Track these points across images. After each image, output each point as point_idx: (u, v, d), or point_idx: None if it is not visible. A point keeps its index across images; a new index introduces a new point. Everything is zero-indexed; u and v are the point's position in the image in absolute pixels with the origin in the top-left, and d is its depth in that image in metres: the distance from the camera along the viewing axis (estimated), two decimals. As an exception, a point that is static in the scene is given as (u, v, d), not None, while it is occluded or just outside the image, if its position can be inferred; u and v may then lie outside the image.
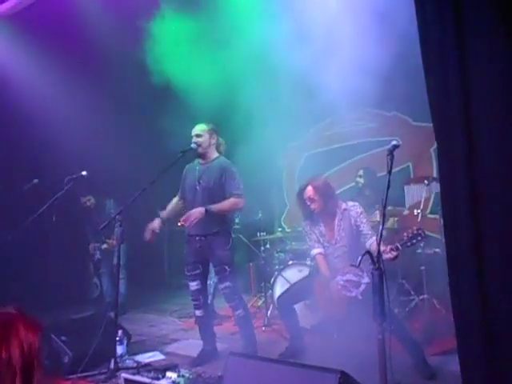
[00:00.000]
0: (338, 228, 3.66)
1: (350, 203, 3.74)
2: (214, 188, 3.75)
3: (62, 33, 5.02)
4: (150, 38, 4.93)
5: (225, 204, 3.70)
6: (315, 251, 3.78)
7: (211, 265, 3.91)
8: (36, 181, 4.78)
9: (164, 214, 4.02)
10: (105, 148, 5.60)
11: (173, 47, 4.99)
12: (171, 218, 4.13)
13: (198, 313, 3.89)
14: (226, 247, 3.78)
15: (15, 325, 1.33)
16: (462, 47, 2.08)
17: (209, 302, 4.81)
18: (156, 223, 3.87)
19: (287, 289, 4.05)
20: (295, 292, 3.90)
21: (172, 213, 4.07)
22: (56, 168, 5.19)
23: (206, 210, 3.59)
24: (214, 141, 3.89)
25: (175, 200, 4.07)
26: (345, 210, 3.67)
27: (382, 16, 4.43)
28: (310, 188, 3.65)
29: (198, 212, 3.58)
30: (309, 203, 3.65)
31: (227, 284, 3.76)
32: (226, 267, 3.75)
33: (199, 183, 3.82)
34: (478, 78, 2.05)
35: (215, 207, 3.64)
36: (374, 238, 3.48)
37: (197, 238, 3.79)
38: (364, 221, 3.61)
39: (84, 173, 4.43)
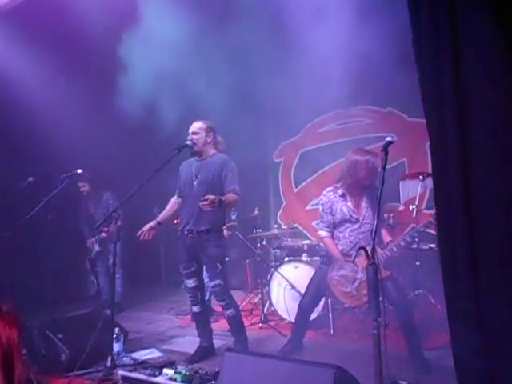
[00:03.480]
0: (366, 205, 3.63)
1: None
2: (214, 182, 3.74)
3: (58, 28, 4.96)
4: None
5: (229, 197, 3.67)
6: (321, 234, 3.73)
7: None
8: (31, 179, 4.76)
9: (161, 215, 4.00)
10: (102, 142, 5.57)
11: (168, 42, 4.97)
12: (170, 217, 4.07)
13: (195, 309, 3.88)
14: (218, 244, 3.75)
15: None
16: (455, 44, 2.09)
17: (206, 298, 4.82)
18: (149, 225, 3.88)
19: (305, 292, 3.91)
20: (315, 292, 3.81)
21: (171, 212, 4.02)
22: (51, 166, 5.18)
23: (220, 200, 3.52)
24: (210, 139, 3.86)
25: (173, 199, 4.03)
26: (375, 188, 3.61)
27: (379, 11, 4.44)
28: (376, 158, 3.46)
29: (215, 198, 3.46)
30: (367, 175, 3.52)
31: (217, 282, 3.72)
32: (218, 265, 3.72)
33: (196, 178, 3.80)
34: (472, 75, 2.06)
35: (225, 198, 3.59)
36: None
37: (189, 236, 3.78)
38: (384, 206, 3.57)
39: (79, 171, 4.43)
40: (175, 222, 4.47)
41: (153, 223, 3.91)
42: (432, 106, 2.15)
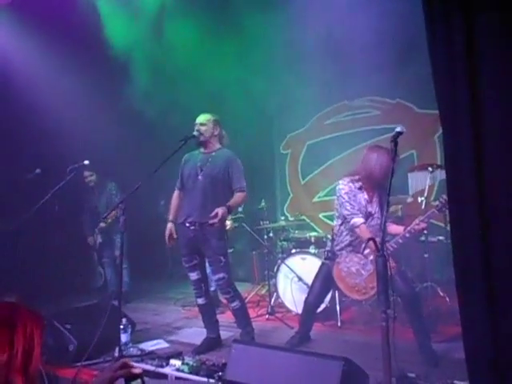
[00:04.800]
0: (377, 200, 3.62)
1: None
2: (218, 176, 3.73)
3: (63, 19, 4.95)
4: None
5: (237, 199, 3.71)
6: (359, 221, 3.53)
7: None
8: (38, 170, 4.78)
9: (172, 215, 3.94)
10: (108, 134, 5.57)
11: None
12: (179, 213, 3.96)
13: (200, 301, 3.88)
14: (221, 237, 3.73)
15: (21, 316, 1.43)
16: (469, 36, 2.05)
17: (213, 289, 4.83)
18: (170, 229, 3.85)
19: (310, 289, 3.89)
20: (320, 289, 3.80)
21: (178, 208, 3.95)
22: (58, 157, 5.19)
23: (229, 209, 3.57)
24: (216, 132, 3.86)
25: (176, 194, 3.99)
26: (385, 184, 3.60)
27: (388, 4, 4.38)
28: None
29: (224, 211, 3.53)
30: (384, 174, 3.42)
31: (221, 275, 3.71)
32: (221, 258, 3.70)
33: (201, 170, 3.78)
34: (486, 67, 2.03)
35: (232, 203, 3.65)
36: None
37: (191, 228, 3.74)
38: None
39: (86, 162, 4.43)
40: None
41: (170, 226, 3.86)
42: (445, 97, 2.11)
